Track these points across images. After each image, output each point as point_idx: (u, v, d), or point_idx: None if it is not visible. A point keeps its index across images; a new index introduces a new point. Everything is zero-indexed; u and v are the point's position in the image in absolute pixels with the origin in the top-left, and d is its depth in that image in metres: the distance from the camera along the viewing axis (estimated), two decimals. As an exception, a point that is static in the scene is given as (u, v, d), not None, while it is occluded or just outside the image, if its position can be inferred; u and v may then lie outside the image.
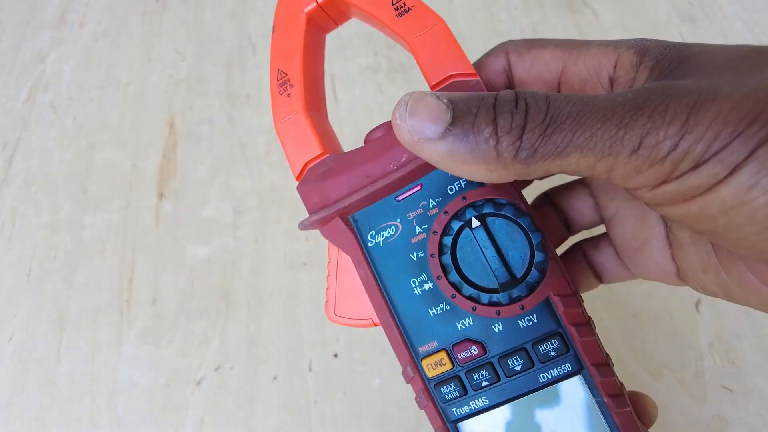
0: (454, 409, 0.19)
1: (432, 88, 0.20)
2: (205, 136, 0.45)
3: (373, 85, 0.46)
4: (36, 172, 0.43)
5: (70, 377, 0.35)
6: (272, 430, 0.33)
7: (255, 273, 0.38)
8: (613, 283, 0.24)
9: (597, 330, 0.19)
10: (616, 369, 0.19)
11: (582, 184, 0.24)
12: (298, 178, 0.21)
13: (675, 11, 0.51)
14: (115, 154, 0.44)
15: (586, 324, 0.19)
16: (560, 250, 0.25)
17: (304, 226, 0.20)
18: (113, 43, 0.51)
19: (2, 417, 0.34)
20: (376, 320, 0.20)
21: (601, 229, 0.24)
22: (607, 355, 0.19)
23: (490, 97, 0.15)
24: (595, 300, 0.36)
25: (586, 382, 0.18)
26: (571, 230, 0.24)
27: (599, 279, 0.24)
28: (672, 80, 0.16)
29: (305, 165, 0.21)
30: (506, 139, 0.15)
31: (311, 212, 0.20)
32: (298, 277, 0.38)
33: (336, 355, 0.35)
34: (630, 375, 0.34)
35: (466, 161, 0.15)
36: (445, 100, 0.15)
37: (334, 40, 0.49)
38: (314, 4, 0.21)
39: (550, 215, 0.24)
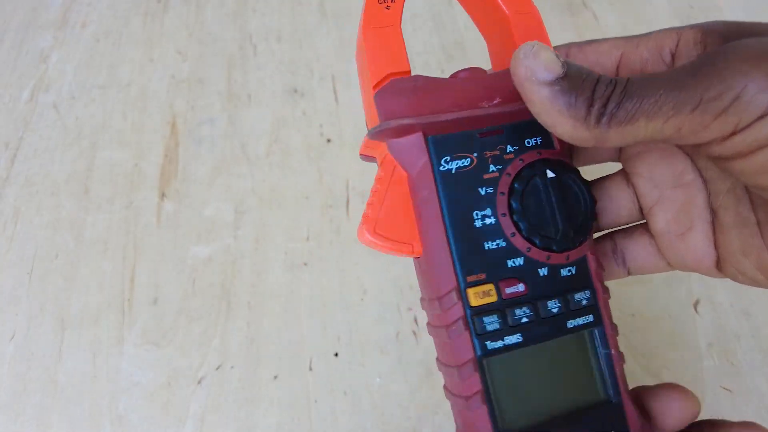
0: (488, 342, 0.19)
1: None
2: (207, 136, 0.45)
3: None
4: (38, 172, 0.43)
5: (71, 376, 0.35)
6: (272, 430, 0.33)
7: (256, 272, 0.38)
8: (642, 274, 0.24)
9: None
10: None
11: (621, 175, 0.24)
12: (376, 87, 0.20)
13: (675, 14, 0.52)
14: (116, 153, 0.44)
15: (605, 284, 0.21)
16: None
17: (381, 130, 0.20)
18: (115, 43, 0.51)
19: (3, 416, 0.34)
20: (415, 250, 0.20)
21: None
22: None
23: (595, 73, 0.18)
24: (594, 300, 0.36)
25: (599, 335, 0.20)
26: (601, 224, 0.24)
27: (626, 270, 0.24)
28: None
29: (388, 75, 0.20)
30: (597, 104, 0.17)
31: (390, 119, 0.20)
32: (298, 277, 0.38)
33: (336, 355, 0.35)
34: (629, 375, 0.33)
35: (561, 112, 0.17)
36: (562, 59, 0.18)
37: (334, 40, 0.50)
38: None
39: None
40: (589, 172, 0.24)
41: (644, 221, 0.24)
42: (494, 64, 0.24)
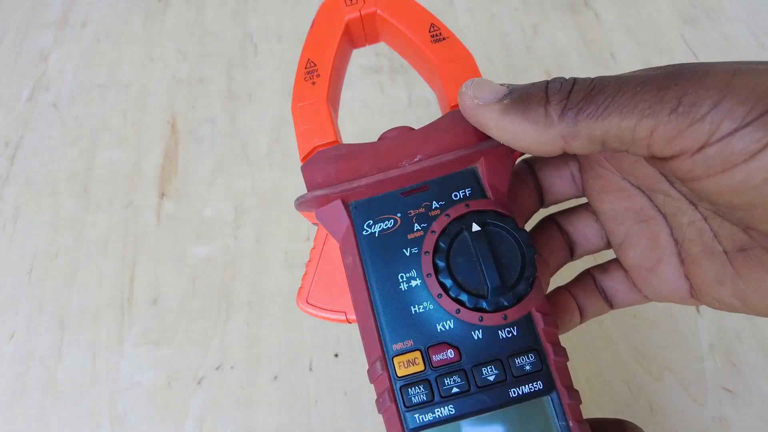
0: (417, 416, 0.18)
1: (451, 109, 0.21)
2: (207, 135, 0.45)
3: (375, 85, 0.47)
4: (38, 171, 0.43)
5: (71, 376, 0.35)
6: (272, 430, 0.33)
7: (256, 273, 0.38)
8: (623, 307, 0.24)
9: (598, 330, 0.19)
10: (617, 369, 0.19)
11: (587, 209, 0.24)
12: (303, 160, 0.21)
13: (677, 12, 0.51)
14: (116, 153, 0.44)
15: (560, 345, 0.19)
16: (566, 274, 0.25)
17: (302, 201, 0.20)
18: (115, 42, 0.51)
19: (3, 416, 0.34)
20: (351, 316, 0.20)
21: (607, 255, 0.24)
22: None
23: (542, 81, 0.17)
24: (595, 301, 0.36)
25: (554, 404, 0.18)
26: (574, 254, 0.24)
27: (609, 304, 0.24)
28: None
29: (315, 148, 0.21)
30: (554, 99, 0.16)
31: (312, 190, 0.20)
32: (298, 277, 0.38)
33: (336, 355, 0.35)
34: (630, 376, 0.34)
35: (517, 120, 0.17)
36: (505, 85, 0.18)
37: (335, 40, 0.49)
38: (357, 14, 0.23)
39: (554, 237, 0.24)
40: (553, 207, 0.24)
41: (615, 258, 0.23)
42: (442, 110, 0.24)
